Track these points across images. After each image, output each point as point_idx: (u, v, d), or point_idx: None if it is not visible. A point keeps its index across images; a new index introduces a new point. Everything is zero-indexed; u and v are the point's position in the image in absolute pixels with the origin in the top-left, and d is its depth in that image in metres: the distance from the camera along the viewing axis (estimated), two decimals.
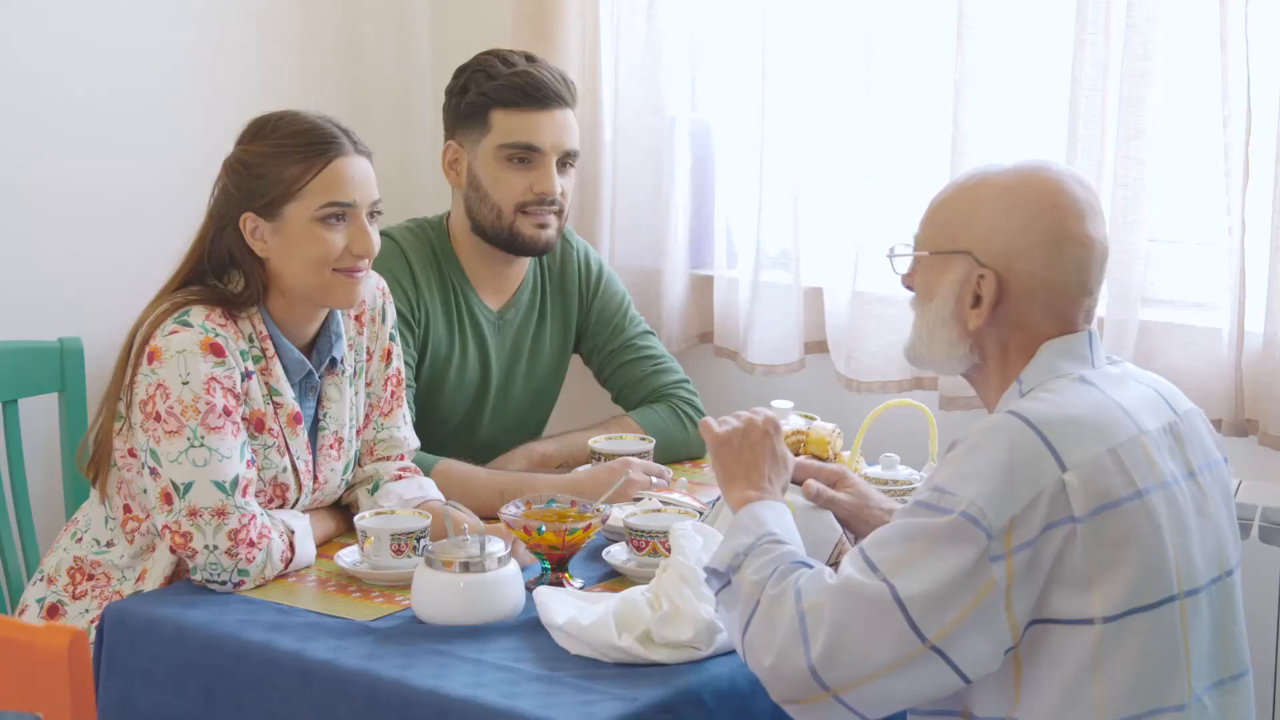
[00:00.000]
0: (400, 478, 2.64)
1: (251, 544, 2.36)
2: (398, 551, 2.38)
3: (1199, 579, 1.95)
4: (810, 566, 1.98)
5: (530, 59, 2.93)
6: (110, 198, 3.21)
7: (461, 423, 3.02)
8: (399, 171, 3.78)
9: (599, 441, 2.85)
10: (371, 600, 2.34)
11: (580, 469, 2.80)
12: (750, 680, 2.12)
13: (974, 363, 2.06)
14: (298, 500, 2.54)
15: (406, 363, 2.85)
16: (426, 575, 2.23)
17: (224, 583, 2.37)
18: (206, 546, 2.35)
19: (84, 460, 2.56)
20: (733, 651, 2.13)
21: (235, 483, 2.37)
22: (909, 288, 2.12)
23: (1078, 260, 2.00)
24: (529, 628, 2.21)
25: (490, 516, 2.53)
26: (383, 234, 2.94)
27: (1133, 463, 1.91)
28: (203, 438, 2.35)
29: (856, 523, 2.32)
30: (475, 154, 2.91)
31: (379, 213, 2.51)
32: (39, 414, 3.03)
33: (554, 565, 2.34)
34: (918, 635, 1.87)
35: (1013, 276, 2.00)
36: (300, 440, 2.51)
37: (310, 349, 2.55)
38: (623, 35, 3.42)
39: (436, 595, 2.22)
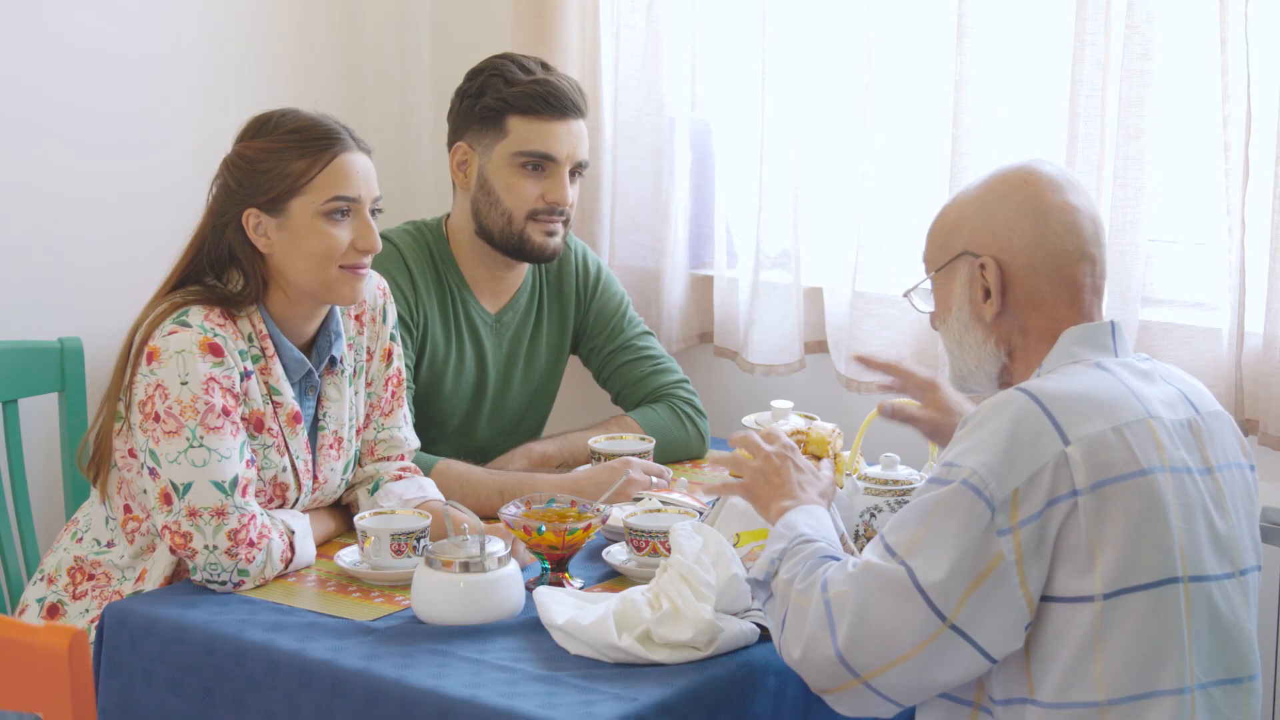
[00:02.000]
0: (400, 478, 2.64)
1: (251, 544, 2.36)
2: (398, 551, 2.38)
3: (1208, 568, 1.96)
4: (838, 559, 2.02)
5: (545, 67, 2.93)
6: (110, 198, 3.21)
7: (459, 424, 3.02)
8: (399, 172, 3.78)
9: (599, 441, 2.85)
10: (371, 600, 2.34)
11: (580, 469, 2.80)
12: (750, 680, 2.12)
13: (1003, 362, 2.11)
14: (297, 500, 2.54)
15: (405, 364, 2.85)
16: (426, 575, 2.23)
17: (224, 583, 2.37)
18: (206, 547, 2.35)
19: (84, 460, 2.56)
20: (733, 651, 2.14)
21: (235, 483, 2.37)
22: (935, 324, 2.17)
23: (1066, 224, 2.05)
24: (529, 628, 2.21)
25: (490, 516, 2.53)
26: (380, 236, 2.94)
27: (1137, 442, 1.94)
28: (202, 438, 2.35)
29: (939, 437, 2.39)
30: (488, 158, 2.91)
31: (380, 210, 2.51)
32: (39, 414, 3.03)
33: (554, 565, 2.34)
34: (938, 616, 1.90)
35: (1010, 256, 2.05)
36: (300, 440, 2.51)
37: (310, 348, 2.55)
38: (623, 35, 3.42)
39: (436, 595, 2.22)
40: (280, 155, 2.43)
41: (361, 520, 2.42)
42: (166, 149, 3.28)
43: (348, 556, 2.44)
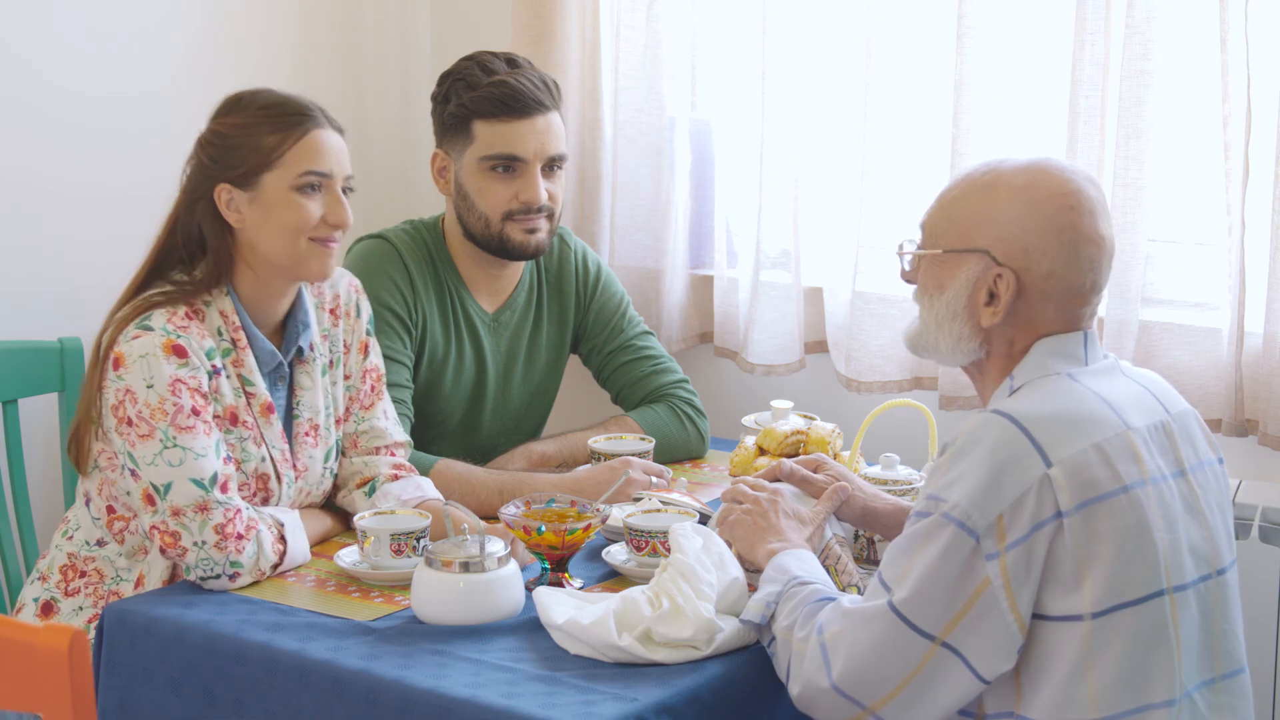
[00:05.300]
0: (396, 477, 2.64)
1: (240, 536, 2.37)
2: (397, 551, 2.38)
3: (1187, 575, 1.96)
4: (833, 599, 2.03)
5: (512, 63, 2.90)
6: (110, 198, 3.21)
7: (460, 424, 3.02)
8: (399, 172, 3.79)
9: (599, 441, 2.84)
10: (371, 600, 2.34)
11: (580, 469, 2.80)
12: (750, 680, 2.12)
13: (978, 357, 2.08)
14: (281, 491, 2.53)
15: (404, 364, 2.86)
16: (426, 575, 2.23)
17: (218, 576, 2.37)
18: (195, 543, 2.36)
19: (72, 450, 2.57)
20: (732, 651, 2.14)
21: (214, 479, 2.37)
22: (911, 281, 2.13)
23: (1092, 260, 2.02)
24: (529, 628, 2.21)
25: (490, 516, 2.53)
26: (379, 236, 2.95)
27: (1118, 458, 1.93)
28: (175, 438, 2.36)
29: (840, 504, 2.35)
30: (460, 164, 2.91)
31: (350, 190, 2.52)
32: (39, 414, 3.03)
33: (554, 565, 2.34)
34: (923, 635, 1.90)
35: (1030, 277, 2.02)
36: (275, 430, 2.52)
37: (280, 338, 2.56)
38: (623, 35, 3.42)
39: (436, 595, 2.22)
40: (253, 130, 2.45)
41: (361, 520, 2.42)
42: (166, 149, 3.26)
43: (348, 556, 2.44)
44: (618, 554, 2.44)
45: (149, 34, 3.26)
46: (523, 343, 3.06)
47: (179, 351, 2.39)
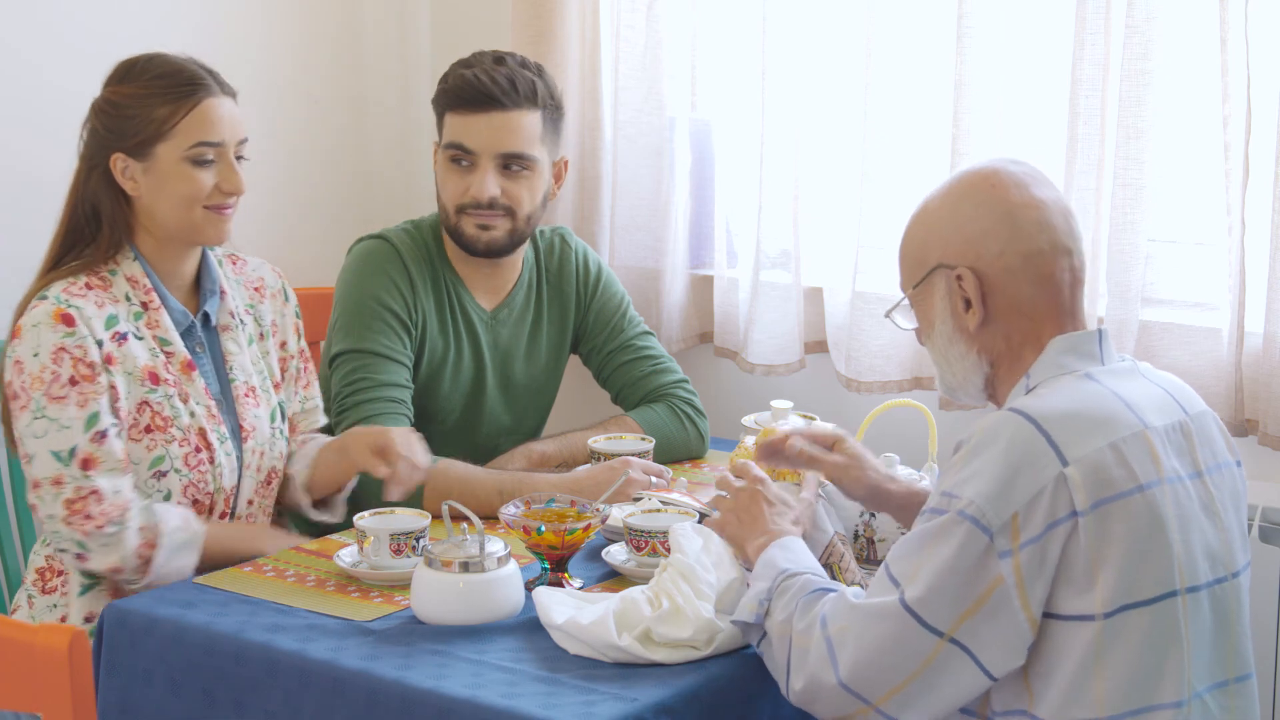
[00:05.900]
0: (304, 444, 2.70)
1: (89, 518, 2.38)
2: (397, 551, 2.38)
3: (1200, 576, 1.95)
4: (831, 590, 2.02)
5: (498, 60, 2.90)
6: None
7: (459, 423, 3.02)
8: (399, 172, 3.79)
9: (599, 441, 2.84)
10: (371, 600, 2.34)
11: (580, 469, 2.80)
12: (750, 680, 2.12)
13: (986, 372, 2.08)
14: (218, 448, 2.53)
15: (404, 364, 2.87)
16: (426, 575, 2.23)
17: (65, 551, 2.40)
18: (49, 516, 2.39)
19: None
20: (732, 651, 2.14)
21: (73, 453, 2.39)
22: (921, 341, 2.15)
23: (1036, 221, 2.02)
24: (529, 628, 2.21)
25: (490, 516, 2.53)
26: (379, 236, 2.96)
27: (1135, 457, 1.93)
28: (44, 408, 2.39)
29: (848, 481, 2.34)
30: (436, 155, 2.94)
31: (243, 157, 2.54)
32: None
33: (554, 565, 2.34)
34: (933, 632, 1.90)
35: (985, 264, 2.02)
36: (198, 386, 2.53)
37: (195, 302, 2.59)
38: (623, 35, 3.42)
39: (436, 595, 2.22)
40: (145, 101, 2.48)
41: (361, 520, 2.42)
42: None
43: (347, 556, 2.44)
44: (617, 554, 2.44)
45: (149, 34, 3.25)
46: (522, 341, 3.06)
47: (67, 320, 2.41)
